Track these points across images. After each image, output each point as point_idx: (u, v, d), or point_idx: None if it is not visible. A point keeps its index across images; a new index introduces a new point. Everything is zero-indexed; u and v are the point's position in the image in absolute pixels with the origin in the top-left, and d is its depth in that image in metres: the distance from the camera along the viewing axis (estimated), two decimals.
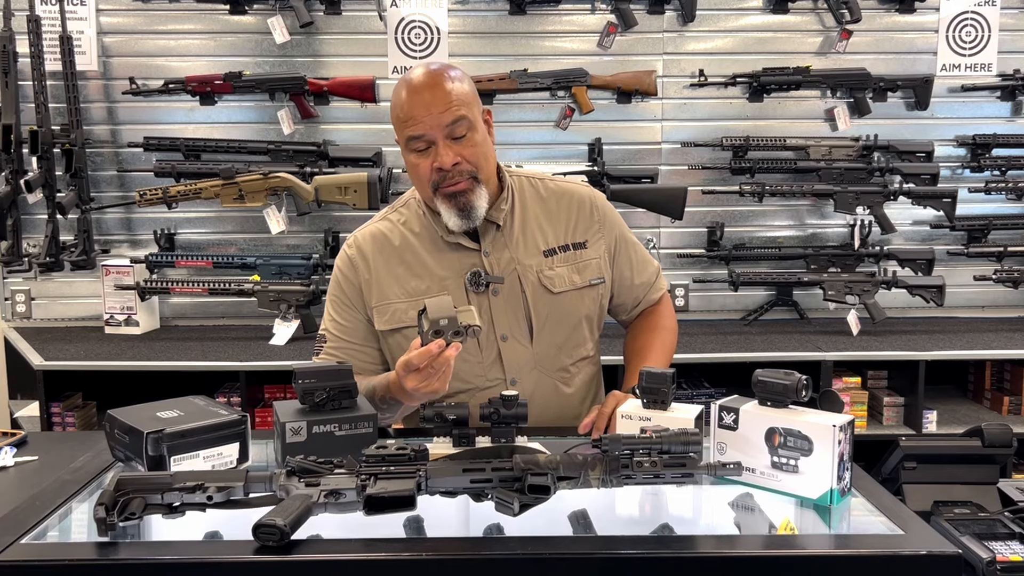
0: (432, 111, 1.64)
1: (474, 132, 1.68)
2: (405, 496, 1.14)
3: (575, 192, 1.88)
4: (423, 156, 1.68)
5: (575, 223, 1.84)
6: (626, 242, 1.91)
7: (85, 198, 3.23)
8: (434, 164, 1.67)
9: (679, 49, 3.37)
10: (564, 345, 1.82)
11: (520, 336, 1.77)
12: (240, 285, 3.19)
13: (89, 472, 1.42)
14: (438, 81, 1.66)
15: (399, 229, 1.81)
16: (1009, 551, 1.36)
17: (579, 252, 1.82)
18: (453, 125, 1.65)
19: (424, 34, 3.32)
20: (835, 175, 3.29)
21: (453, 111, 1.64)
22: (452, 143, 1.66)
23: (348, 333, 1.82)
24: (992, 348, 3.02)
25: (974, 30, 3.36)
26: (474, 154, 1.68)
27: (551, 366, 1.81)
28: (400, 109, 1.68)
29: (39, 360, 2.91)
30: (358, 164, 3.28)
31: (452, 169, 1.67)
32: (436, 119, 1.64)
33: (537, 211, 1.83)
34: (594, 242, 1.84)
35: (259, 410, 3.01)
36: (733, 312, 3.46)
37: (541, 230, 1.81)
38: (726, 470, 1.22)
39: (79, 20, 3.27)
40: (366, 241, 1.82)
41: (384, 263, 1.79)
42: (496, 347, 1.76)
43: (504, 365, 1.77)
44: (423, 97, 1.65)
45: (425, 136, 1.66)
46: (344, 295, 1.82)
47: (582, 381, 1.87)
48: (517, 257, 1.77)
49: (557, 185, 1.88)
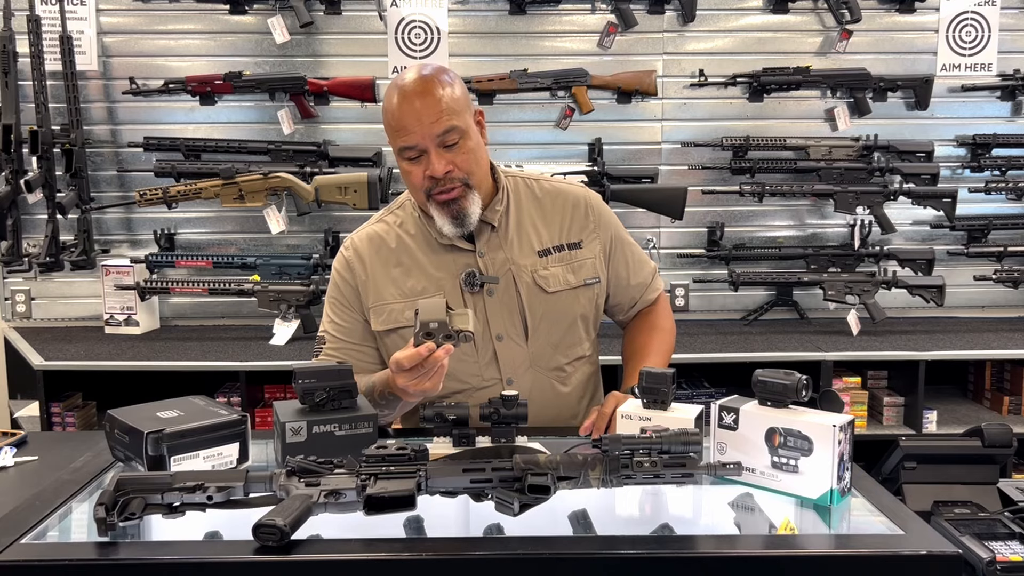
0: (423, 121, 1.64)
1: (466, 139, 1.68)
2: (405, 496, 1.14)
3: (570, 192, 1.88)
4: (415, 164, 1.69)
5: (569, 223, 1.84)
6: (622, 242, 1.91)
7: (85, 198, 3.22)
8: (426, 172, 1.68)
9: (679, 49, 3.37)
10: (560, 344, 1.82)
11: (515, 336, 1.78)
12: (240, 285, 3.19)
13: (89, 472, 1.42)
14: (429, 88, 1.65)
15: (395, 231, 1.82)
16: (1009, 551, 1.36)
17: (574, 252, 1.83)
18: (444, 135, 1.65)
19: (424, 34, 3.32)
20: (835, 175, 3.29)
21: (444, 121, 1.64)
22: (444, 151, 1.66)
23: (347, 333, 1.82)
24: (992, 348, 3.02)
25: (974, 30, 3.36)
26: (466, 161, 1.69)
27: (547, 365, 1.81)
28: (392, 117, 1.69)
29: (39, 360, 2.92)
30: (358, 164, 3.28)
31: (444, 177, 1.67)
32: (427, 129, 1.64)
33: (532, 212, 1.83)
34: (589, 242, 1.85)
35: (259, 410, 3.02)
36: (733, 312, 3.46)
37: (536, 230, 1.82)
38: (726, 470, 1.22)
39: (79, 20, 3.27)
40: (363, 243, 1.83)
41: (381, 264, 1.80)
42: (492, 347, 1.77)
43: (500, 365, 1.77)
44: (414, 106, 1.65)
45: (417, 146, 1.66)
46: (342, 296, 1.82)
47: (579, 381, 1.87)
48: (512, 257, 1.78)
49: (552, 185, 1.88)
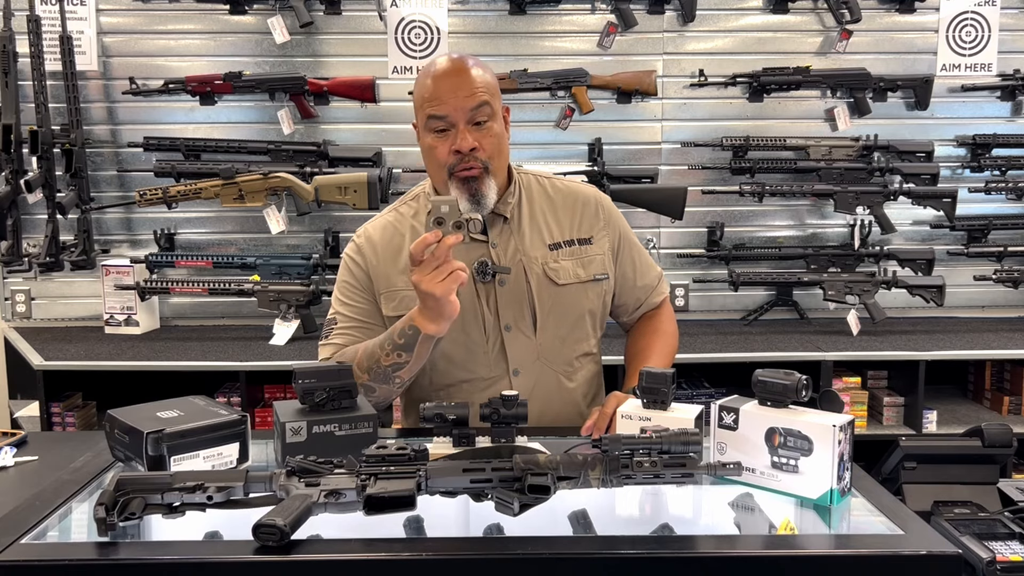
0: (458, 94, 1.69)
1: (494, 121, 1.73)
2: (405, 496, 1.14)
3: (581, 191, 1.92)
4: (441, 138, 1.72)
5: (580, 220, 1.87)
6: (630, 243, 1.94)
7: (85, 198, 3.22)
8: (452, 147, 1.70)
9: (679, 49, 3.37)
10: (567, 339, 1.83)
11: (524, 327, 1.79)
12: (240, 285, 3.19)
13: (89, 472, 1.42)
14: (466, 67, 1.72)
15: (408, 221, 1.85)
16: (1009, 551, 1.36)
17: (584, 247, 1.85)
18: (476, 110, 1.69)
19: (424, 34, 3.32)
20: (835, 175, 3.29)
21: (478, 96, 1.69)
22: (472, 128, 1.70)
23: (359, 313, 1.83)
24: (992, 348, 3.02)
25: (974, 30, 3.36)
26: (491, 143, 1.73)
27: (554, 359, 1.82)
28: (425, 89, 1.72)
29: (39, 360, 2.92)
30: (358, 164, 3.28)
31: (469, 154, 1.70)
32: (461, 102, 1.69)
33: (544, 207, 1.87)
34: (599, 239, 1.87)
35: (259, 410, 3.01)
36: (733, 312, 3.46)
37: (547, 225, 1.85)
38: (726, 470, 1.22)
39: (79, 20, 3.27)
40: (376, 231, 1.86)
41: (393, 252, 1.82)
42: (500, 337, 1.77)
43: (508, 356, 1.78)
44: (451, 80, 1.70)
45: (447, 117, 1.70)
46: (354, 279, 1.84)
47: (584, 378, 1.88)
48: (523, 249, 1.80)
49: (564, 184, 1.93)
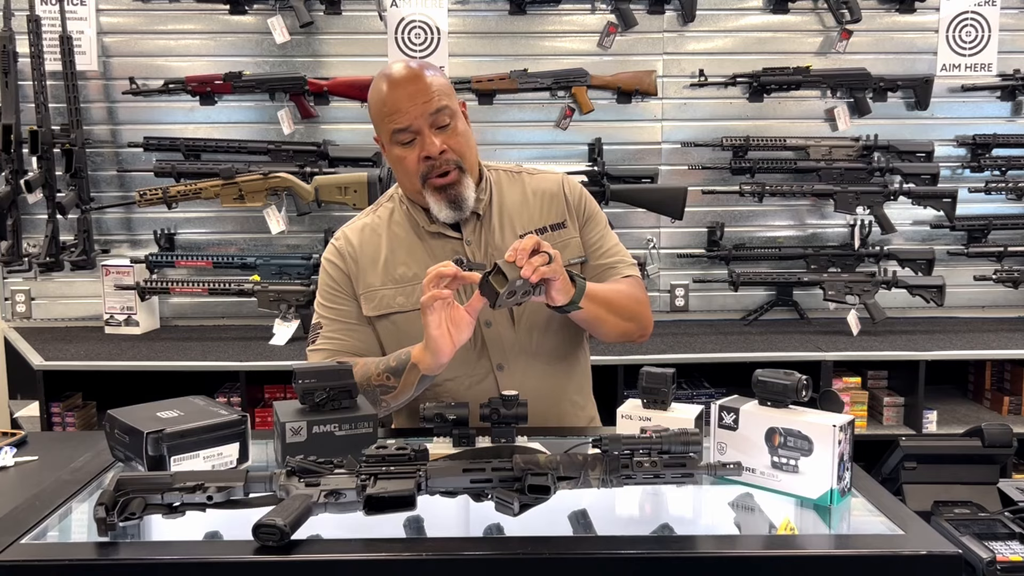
0: (416, 101, 1.67)
1: (457, 121, 1.72)
2: (405, 496, 1.14)
3: (548, 177, 1.92)
4: (409, 148, 1.71)
5: (550, 205, 1.87)
6: (596, 221, 1.89)
7: (85, 198, 3.22)
8: (421, 154, 1.70)
9: (679, 49, 3.37)
10: (548, 328, 1.82)
11: (503, 322, 1.79)
12: (240, 285, 3.19)
13: (89, 472, 1.41)
14: (418, 74, 1.70)
15: (384, 222, 1.85)
16: (1009, 551, 1.36)
17: (558, 232, 1.84)
18: (437, 114, 1.68)
19: (424, 34, 3.32)
20: (835, 175, 3.29)
21: (436, 100, 1.68)
22: (437, 132, 1.70)
23: (342, 315, 1.83)
24: (992, 348, 3.02)
25: (974, 30, 3.36)
26: (459, 143, 1.72)
27: (538, 351, 1.82)
28: (382, 103, 1.71)
29: (39, 360, 2.91)
30: (358, 164, 3.28)
31: (439, 158, 1.69)
32: (420, 108, 1.67)
33: (515, 199, 1.86)
34: (571, 220, 1.87)
35: (259, 410, 3.01)
36: (733, 312, 3.46)
37: (519, 217, 1.85)
38: (726, 470, 1.22)
39: (79, 20, 3.27)
40: (354, 233, 1.86)
41: (371, 253, 1.82)
42: (480, 334, 1.78)
43: (489, 352, 1.78)
44: (407, 89, 1.69)
45: (411, 127, 1.69)
46: (335, 283, 1.84)
47: (571, 366, 1.88)
48: (496, 243, 1.80)
49: (530, 175, 1.92)
